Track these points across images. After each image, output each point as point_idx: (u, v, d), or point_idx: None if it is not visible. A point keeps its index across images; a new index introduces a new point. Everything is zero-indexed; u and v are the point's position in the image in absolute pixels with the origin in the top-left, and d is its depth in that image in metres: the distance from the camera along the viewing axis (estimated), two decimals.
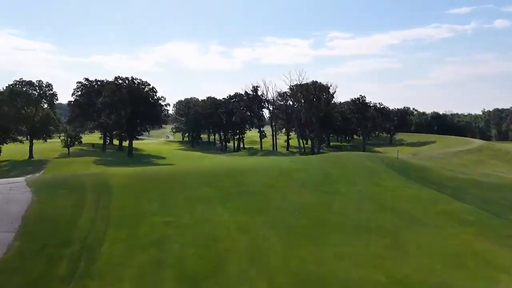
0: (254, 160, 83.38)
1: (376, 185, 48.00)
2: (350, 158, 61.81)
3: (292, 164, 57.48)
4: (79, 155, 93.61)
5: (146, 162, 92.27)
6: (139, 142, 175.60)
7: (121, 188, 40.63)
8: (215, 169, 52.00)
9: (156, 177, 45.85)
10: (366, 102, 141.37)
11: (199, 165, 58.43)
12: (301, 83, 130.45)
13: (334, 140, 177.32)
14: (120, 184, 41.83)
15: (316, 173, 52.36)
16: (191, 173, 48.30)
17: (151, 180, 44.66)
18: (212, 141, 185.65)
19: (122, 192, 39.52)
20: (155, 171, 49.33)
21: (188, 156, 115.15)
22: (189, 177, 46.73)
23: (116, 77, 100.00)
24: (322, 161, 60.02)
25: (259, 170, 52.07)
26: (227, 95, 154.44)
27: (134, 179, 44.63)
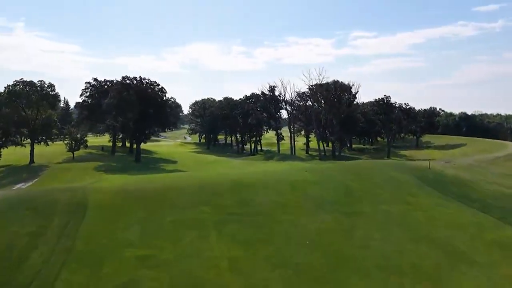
0: (267, 168, 76.13)
1: (406, 204, 40.14)
2: (374, 168, 53.92)
3: (307, 175, 49.99)
4: (84, 159, 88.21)
5: (153, 168, 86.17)
6: (153, 144, 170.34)
7: (99, 209, 34.03)
8: (218, 181, 45.05)
9: (144, 193, 39.08)
10: (391, 103, 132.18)
11: (201, 176, 51.42)
12: (321, 83, 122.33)
13: (357, 143, 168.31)
14: (99, 203, 35.24)
15: (335, 187, 44.79)
16: (187, 188, 41.42)
17: (137, 197, 37.93)
18: (229, 143, 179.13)
19: (98, 214, 32.89)
20: (145, 184, 42.76)
21: (200, 161, 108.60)
22: (184, 193, 39.83)
23: (123, 77, 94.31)
24: (343, 171, 52.33)
25: (268, 184, 44.81)
26: (243, 96, 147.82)
27: (118, 195, 37.98)
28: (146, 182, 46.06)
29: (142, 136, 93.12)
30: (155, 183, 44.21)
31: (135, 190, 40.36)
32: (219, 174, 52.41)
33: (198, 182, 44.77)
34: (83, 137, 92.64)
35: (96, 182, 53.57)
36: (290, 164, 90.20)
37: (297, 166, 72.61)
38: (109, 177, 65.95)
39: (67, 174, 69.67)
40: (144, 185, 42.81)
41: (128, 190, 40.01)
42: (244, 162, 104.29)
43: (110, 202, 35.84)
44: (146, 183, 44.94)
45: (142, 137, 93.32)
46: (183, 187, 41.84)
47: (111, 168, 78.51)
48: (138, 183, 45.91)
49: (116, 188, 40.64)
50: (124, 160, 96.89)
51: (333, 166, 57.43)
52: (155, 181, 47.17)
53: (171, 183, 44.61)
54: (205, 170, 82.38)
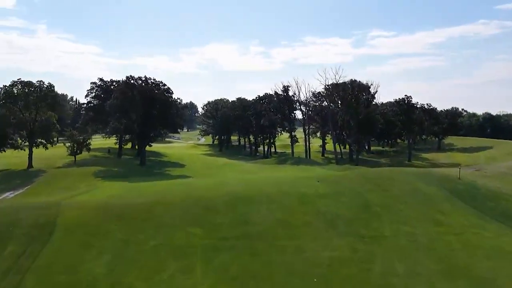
0: (277, 173, 70.39)
1: (435, 224, 33.89)
2: (396, 178, 47.60)
3: (319, 186, 44.04)
4: (86, 163, 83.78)
5: (158, 173, 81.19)
6: (164, 145, 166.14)
7: (68, 231, 28.84)
8: (215, 194, 39.40)
9: (128, 209, 33.74)
10: (413, 103, 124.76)
11: (198, 186, 45.78)
12: (338, 82, 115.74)
13: (375, 144, 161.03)
14: (70, 223, 30.05)
15: (351, 202, 38.76)
16: (178, 203, 35.95)
17: (119, 215, 32.61)
18: (243, 145, 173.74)
19: (66, 238, 27.68)
20: (132, 197, 37.58)
21: (210, 164, 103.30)
22: (174, 209, 34.39)
23: (127, 77, 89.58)
24: (360, 181, 46.18)
25: (273, 197, 39.04)
26: (256, 96, 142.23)
27: (96, 213, 32.75)
28: (135, 194, 40.86)
29: (147, 139, 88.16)
30: (144, 196, 38.91)
31: (119, 205, 35.06)
32: (218, 184, 46.67)
33: (193, 195, 39.26)
34: (86, 139, 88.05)
35: (81, 193, 48.67)
36: (303, 169, 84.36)
37: (309, 173, 66.68)
38: (106, 184, 61.14)
39: (62, 181, 65.07)
40: (130, 199, 37.57)
41: (110, 206, 34.72)
42: (255, 166, 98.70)
43: (84, 222, 30.61)
44: (134, 195, 39.71)
45: (147, 139, 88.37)
46: (174, 202, 36.36)
47: (111, 174, 73.75)
48: (126, 195, 40.74)
49: (95, 204, 35.40)
50: (129, 164, 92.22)
51: (350, 174, 51.23)
52: (145, 192, 41.93)
53: (162, 195, 39.23)
54: (212, 176, 77.14)
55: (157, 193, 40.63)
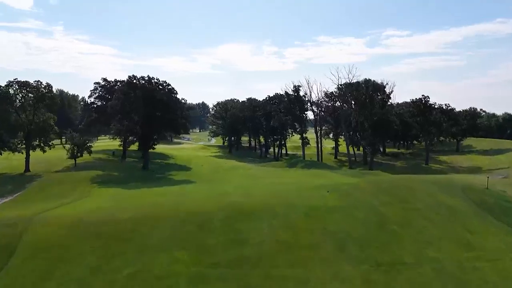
0: (286, 178, 65.61)
1: (465, 248, 28.86)
2: (416, 188, 42.51)
3: (329, 198, 39.23)
4: (86, 167, 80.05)
5: (160, 178, 77.02)
6: (173, 147, 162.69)
7: (31, 255, 24.60)
8: (212, 207, 34.85)
9: (106, 227, 29.39)
10: (430, 104, 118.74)
11: (194, 197, 41.16)
12: (351, 82, 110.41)
13: (391, 146, 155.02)
14: (36, 244, 25.84)
15: (365, 217, 33.89)
16: (167, 219, 31.49)
17: (95, 233, 28.30)
18: (253, 146, 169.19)
19: (24, 264, 23.45)
20: (117, 211, 33.29)
21: (218, 167, 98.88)
22: (161, 227, 29.97)
23: (129, 76, 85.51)
24: (375, 192, 41.23)
25: (276, 211, 34.38)
26: (266, 96, 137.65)
27: (69, 231, 28.50)
28: (125, 205, 36.58)
29: (150, 141, 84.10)
30: (133, 209, 34.56)
31: (100, 220, 30.70)
32: (217, 195, 41.98)
33: (187, 208, 34.75)
34: (86, 142, 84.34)
35: (69, 202, 44.53)
36: (314, 174, 79.48)
37: (319, 179, 61.85)
38: (101, 191, 57.18)
39: (55, 187, 61.20)
40: (116, 212, 33.24)
41: (89, 222, 30.37)
42: (263, 169, 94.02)
43: (53, 243, 26.40)
44: (122, 207, 35.40)
45: (150, 142, 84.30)
46: (164, 217, 31.92)
47: (110, 179, 69.79)
48: (114, 206, 36.46)
49: (73, 219, 31.05)
50: (131, 167, 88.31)
51: (363, 183, 46.20)
52: (136, 203, 37.63)
53: (153, 208, 34.83)
54: (216, 181, 72.84)
55: (148, 205, 36.26)
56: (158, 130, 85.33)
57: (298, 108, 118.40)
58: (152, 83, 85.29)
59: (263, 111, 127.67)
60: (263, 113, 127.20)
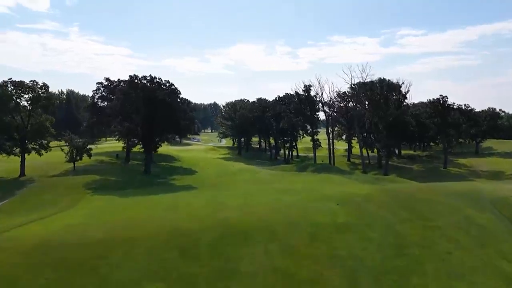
0: (293, 185, 60.74)
1: (505, 281, 23.72)
2: (438, 201, 37.32)
3: (338, 212, 34.32)
4: (86, 171, 76.17)
5: (161, 184, 72.72)
6: (182, 148, 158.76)
7: None
8: (202, 227, 30.27)
9: (72, 253, 24.91)
10: (449, 104, 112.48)
11: (184, 213, 36.31)
12: (365, 81, 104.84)
13: (406, 148, 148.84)
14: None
15: (380, 239, 28.94)
16: (147, 240, 26.98)
17: (57, 262, 23.83)
18: (264, 148, 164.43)
19: None
20: (91, 229, 28.83)
21: (224, 170, 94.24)
22: (138, 252, 25.43)
23: (131, 76, 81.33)
24: (391, 206, 36.21)
25: (275, 230, 29.68)
26: (276, 96, 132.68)
27: (24, 258, 24.07)
28: (105, 220, 32.13)
29: (152, 144, 79.88)
30: (110, 226, 30.09)
31: (61, 245, 26.19)
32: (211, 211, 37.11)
33: (172, 226, 30.17)
34: (86, 144, 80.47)
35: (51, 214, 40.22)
36: (324, 179, 74.36)
37: (330, 186, 56.80)
38: (92, 199, 53.03)
39: (46, 194, 57.18)
40: (90, 230, 28.76)
41: (49, 246, 25.84)
42: (271, 173, 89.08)
43: (7, 273, 21.94)
44: (100, 224, 30.96)
45: (152, 144, 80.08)
46: (144, 238, 27.38)
47: (106, 185, 65.65)
48: (92, 223, 32.01)
49: (31, 243, 26.42)
50: (133, 171, 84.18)
51: (377, 194, 41.04)
52: (116, 219, 33.12)
53: (132, 226, 30.29)
54: (219, 187, 68.28)
55: (129, 222, 31.75)
56: (160, 132, 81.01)
57: (309, 109, 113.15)
58: (154, 83, 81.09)
59: (272, 112, 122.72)
60: (273, 114, 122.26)
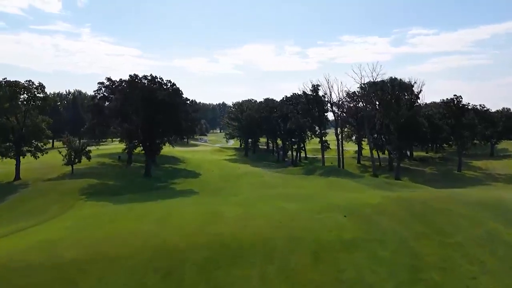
0: (299, 190, 57.18)
1: None
2: (457, 212, 33.52)
3: (346, 225, 30.76)
4: (83, 174, 73.17)
5: (160, 188, 69.64)
6: (187, 149, 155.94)
7: None
8: (191, 243, 26.86)
9: (35, 278, 21.65)
10: (463, 104, 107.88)
11: (173, 227, 32.70)
12: (375, 81, 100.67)
13: (418, 149, 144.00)
14: None
15: (393, 258, 25.31)
16: (129, 259, 23.70)
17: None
18: (271, 149, 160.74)
19: None
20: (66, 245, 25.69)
21: (229, 173, 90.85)
22: (114, 275, 22.11)
23: (131, 76, 78.38)
24: (405, 218, 32.53)
25: (276, 246, 26.26)
26: (283, 96, 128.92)
27: None
28: (77, 238, 28.88)
29: (152, 146, 76.79)
30: (83, 244, 26.83)
31: (26, 267, 22.90)
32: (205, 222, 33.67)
33: (156, 243, 26.76)
34: (85, 146, 77.68)
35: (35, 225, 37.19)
36: (333, 184, 70.89)
37: (337, 192, 53.15)
38: (85, 205, 50.21)
39: (37, 200, 54.31)
40: (57, 250, 25.52)
41: (11, 269, 22.60)
42: (277, 176, 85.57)
43: None
44: (71, 242, 27.71)
45: (152, 147, 76.99)
46: (122, 257, 24.07)
47: (102, 190, 62.65)
48: (61, 240, 28.76)
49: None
50: (133, 174, 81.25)
51: (390, 203, 37.30)
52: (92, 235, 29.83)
53: (112, 242, 27.00)
54: (222, 192, 65.27)
55: (110, 238, 28.44)
56: (161, 134, 77.88)
57: (317, 109, 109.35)
58: (156, 83, 78.04)
59: (279, 113, 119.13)
60: (279, 114, 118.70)
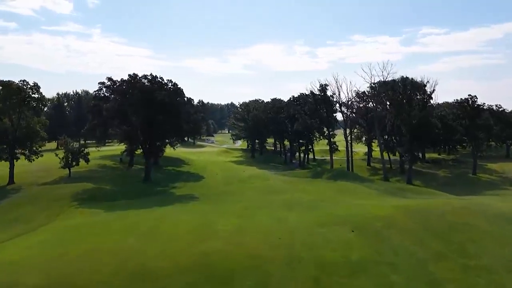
0: (305, 196, 53.54)
1: None
2: (480, 227, 29.70)
3: (354, 243, 27.18)
4: (80, 178, 70.20)
5: (159, 193, 66.28)
6: (193, 150, 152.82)
7: None
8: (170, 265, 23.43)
9: None
10: (479, 104, 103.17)
11: (157, 244, 29.49)
12: (386, 80, 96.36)
13: (430, 151, 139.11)
14: None
15: (405, 285, 21.66)
16: (98, 284, 20.45)
17: None
18: (279, 150, 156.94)
19: None
20: (21, 274, 22.42)
21: (233, 176, 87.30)
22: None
23: (130, 75, 75.31)
24: (419, 234, 28.83)
25: (270, 269, 22.72)
26: (290, 96, 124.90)
27: None
28: (50, 257, 25.63)
29: (152, 149, 73.58)
30: (51, 267, 23.57)
31: None
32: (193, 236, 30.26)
33: (135, 264, 23.48)
34: (82, 149, 74.78)
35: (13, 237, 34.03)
36: (341, 189, 67.13)
37: (344, 198, 49.49)
38: (72, 214, 47.04)
39: (27, 207, 51.27)
40: (18, 275, 22.30)
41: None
42: (283, 180, 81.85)
43: None
44: (36, 265, 24.45)
45: (152, 149, 73.78)
46: (91, 284, 20.81)
47: (96, 195, 59.39)
48: (31, 258, 25.55)
49: None
50: (133, 177, 78.04)
51: (402, 216, 33.58)
52: (63, 255, 26.53)
53: (82, 266, 23.69)
54: (223, 198, 61.57)
55: (85, 257, 25.14)
56: (161, 136, 74.63)
57: (325, 110, 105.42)
58: (156, 83, 74.83)
59: (286, 113, 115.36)
60: (286, 115, 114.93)
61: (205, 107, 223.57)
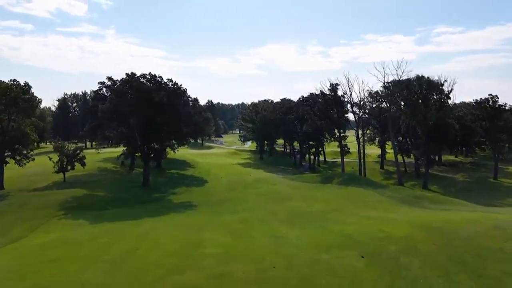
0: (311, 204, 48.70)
1: None
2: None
3: (363, 275, 22.31)
4: (74, 183, 66.18)
5: (157, 200, 62.08)
6: (199, 152, 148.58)
7: None
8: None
9: None
10: (500, 105, 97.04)
11: (129, 270, 25.08)
12: (400, 79, 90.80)
13: (447, 153, 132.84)
14: None
15: None
16: None
17: None
18: (289, 152, 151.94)
19: None
20: None
21: (238, 181, 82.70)
22: None
23: (127, 74, 70.94)
24: (442, 260, 23.82)
25: None
26: (299, 96, 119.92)
27: None
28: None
29: (150, 152, 69.31)
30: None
31: None
32: (173, 261, 25.72)
33: None
34: (77, 152, 70.91)
35: None
36: (351, 195, 62.38)
37: (355, 208, 44.46)
38: (57, 224, 42.94)
39: (9, 216, 47.01)
40: None
41: None
42: (290, 185, 77.14)
43: None
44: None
45: (150, 153, 69.50)
46: None
47: (86, 203, 55.31)
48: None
49: None
50: (132, 181, 73.95)
51: (421, 237, 28.57)
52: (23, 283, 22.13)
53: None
54: (222, 207, 57.13)
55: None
56: (160, 139, 70.32)
57: (336, 111, 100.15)
58: (155, 82, 70.55)
59: (295, 114, 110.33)
60: (296, 116, 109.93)
61: (214, 108, 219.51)
